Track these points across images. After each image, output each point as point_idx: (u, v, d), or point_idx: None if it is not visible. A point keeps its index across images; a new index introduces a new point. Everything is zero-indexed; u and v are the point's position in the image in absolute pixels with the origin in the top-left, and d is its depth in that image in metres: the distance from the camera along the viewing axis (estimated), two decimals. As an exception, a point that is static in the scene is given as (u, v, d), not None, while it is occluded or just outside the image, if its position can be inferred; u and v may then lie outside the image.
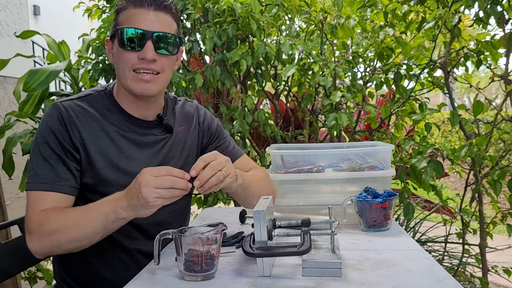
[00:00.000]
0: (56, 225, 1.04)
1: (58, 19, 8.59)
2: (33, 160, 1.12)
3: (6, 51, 2.44)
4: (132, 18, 1.12)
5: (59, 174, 1.10)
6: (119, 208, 0.99)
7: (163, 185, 0.95)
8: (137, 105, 1.21)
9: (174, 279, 0.98)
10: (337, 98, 1.98)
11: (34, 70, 1.97)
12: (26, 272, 2.31)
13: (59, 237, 1.04)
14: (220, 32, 1.99)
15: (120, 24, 1.14)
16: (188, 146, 1.32)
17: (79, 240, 1.05)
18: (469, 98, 15.68)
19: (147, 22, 1.12)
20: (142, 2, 1.12)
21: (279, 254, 0.97)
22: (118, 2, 1.18)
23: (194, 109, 1.38)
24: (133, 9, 1.13)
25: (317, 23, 2.14)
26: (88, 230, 1.04)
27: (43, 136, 1.12)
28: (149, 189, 0.94)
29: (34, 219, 1.07)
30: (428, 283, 0.93)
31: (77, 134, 1.13)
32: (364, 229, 1.33)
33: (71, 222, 1.04)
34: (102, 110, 1.19)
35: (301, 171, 1.45)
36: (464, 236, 2.27)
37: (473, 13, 2.04)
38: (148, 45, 1.11)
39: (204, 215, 1.65)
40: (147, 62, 1.12)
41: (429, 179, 1.88)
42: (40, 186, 1.09)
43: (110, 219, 1.01)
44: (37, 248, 1.07)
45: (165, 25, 1.15)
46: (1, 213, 2.41)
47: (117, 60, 1.16)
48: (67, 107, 1.15)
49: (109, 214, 1.01)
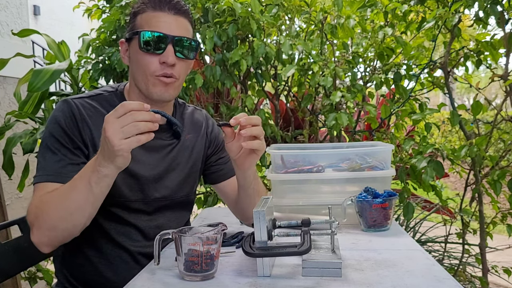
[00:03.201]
0: (47, 206, 1.02)
1: (58, 19, 8.59)
2: (41, 154, 1.11)
3: (6, 51, 2.44)
4: (152, 21, 1.12)
5: (66, 166, 1.09)
6: (97, 166, 0.97)
7: (125, 122, 0.91)
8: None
9: (174, 279, 0.98)
10: (337, 98, 1.98)
11: (38, 70, 1.97)
12: (26, 272, 2.31)
13: (51, 216, 1.01)
14: (220, 32, 1.99)
15: (139, 26, 1.14)
16: (194, 154, 1.31)
17: (69, 212, 1.00)
18: (469, 98, 15.68)
19: (168, 25, 1.12)
20: (163, 6, 1.12)
21: (279, 254, 0.97)
22: (135, 4, 1.18)
23: (204, 118, 1.38)
24: (152, 12, 1.13)
25: (317, 23, 2.14)
26: (74, 199, 1.00)
27: (51, 131, 1.12)
28: (112, 131, 0.91)
29: (31, 209, 1.05)
30: (428, 283, 0.93)
31: (88, 131, 1.13)
32: (364, 229, 1.33)
33: (58, 198, 1.02)
34: (111, 110, 1.18)
35: (301, 171, 1.45)
36: (464, 236, 2.27)
37: (473, 13, 2.04)
38: (169, 49, 1.11)
39: (204, 215, 1.65)
40: (167, 67, 1.12)
41: (429, 179, 1.88)
42: (45, 177, 1.08)
43: (93, 180, 0.97)
44: (38, 239, 1.04)
45: (184, 30, 1.15)
46: (1, 213, 2.41)
47: (135, 63, 1.16)
48: (79, 104, 1.14)
49: (91, 176, 0.98)
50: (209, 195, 2.24)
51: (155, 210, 1.23)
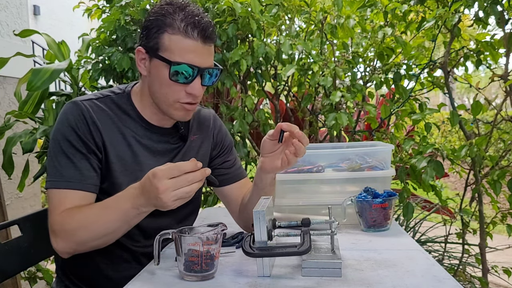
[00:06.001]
0: (79, 223, 1.04)
1: (58, 19, 8.59)
2: (54, 157, 1.10)
3: (6, 51, 2.44)
4: (184, 50, 1.07)
5: (84, 172, 1.10)
6: (139, 205, 1.00)
7: (182, 186, 0.95)
8: (160, 117, 1.20)
9: (174, 279, 0.98)
10: (337, 98, 1.98)
11: (37, 69, 1.97)
12: (26, 272, 2.30)
13: (83, 235, 1.05)
14: (220, 32, 1.99)
15: (167, 49, 1.08)
16: (200, 155, 1.30)
17: (103, 235, 1.05)
18: (469, 98, 15.67)
19: (199, 57, 1.08)
20: (195, 35, 1.07)
21: (279, 254, 0.97)
22: (160, 11, 1.09)
23: (211, 118, 1.36)
24: (184, 37, 1.07)
25: (317, 23, 2.14)
26: (110, 225, 1.04)
27: (64, 134, 1.11)
28: (168, 193, 0.94)
29: (57, 219, 1.06)
30: (428, 283, 0.93)
31: (98, 134, 1.12)
32: (364, 229, 1.33)
33: (94, 219, 1.04)
34: (119, 113, 1.18)
35: (301, 171, 1.45)
36: (464, 236, 2.27)
37: (473, 13, 2.05)
38: (196, 81, 1.10)
39: (204, 215, 1.65)
40: (193, 96, 1.12)
41: (429, 179, 1.87)
42: (65, 184, 1.08)
43: (132, 215, 1.02)
44: (62, 248, 1.07)
45: (211, 58, 1.13)
46: (1, 213, 2.41)
47: (158, 84, 1.12)
48: (88, 107, 1.13)
49: (129, 210, 1.01)
50: (209, 195, 2.24)
51: (160, 212, 1.23)
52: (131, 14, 2.10)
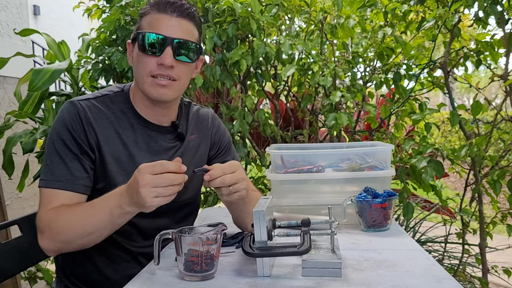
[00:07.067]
0: (65, 222, 1.05)
1: (58, 19, 8.59)
2: (48, 156, 1.12)
3: (6, 51, 2.44)
4: (154, 23, 1.13)
5: (74, 173, 1.10)
6: (123, 203, 1.00)
7: (161, 184, 0.95)
8: (153, 110, 1.20)
9: (174, 279, 0.98)
10: (337, 98, 1.98)
11: (38, 70, 1.97)
12: (26, 272, 2.30)
13: (68, 233, 1.05)
14: (220, 32, 1.99)
15: (142, 28, 1.15)
16: (198, 155, 1.31)
17: (88, 233, 1.05)
18: (469, 98, 15.68)
19: (169, 28, 1.12)
20: (166, 8, 1.12)
21: (279, 254, 0.97)
22: (143, 6, 1.19)
23: (209, 118, 1.36)
24: (156, 14, 1.13)
25: (317, 23, 2.14)
26: (95, 224, 1.04)
27: (59, 133, 1.12)
28: (147, 188, 0.94)
29: (44, 217, 1.07)
30: (428, 283, 0.93)
31: (93, 134, 1.13)
32: (364, 229, 1.33)
33: (78, 218, 1.05)
34: (117, 112, 1.19)
35: (301, 171, 1.45)
36: (464, 236, 2.27)
37: (473, 13, 2.04)
38: (167, 51, 1.11)
39: (204, 215, 1.65)
40: (165, 68, 1.12)
41: (429, 179, 1.87)
42: (55, 184, 1.09)
43: (116, 214, 1.02)
44: (48, 246, 1.08)
45: (186, 32, 1.15)
46: (1, 213, 2.41)
47: (136, 63, 1.16)
48: (85, 106, 1.14)
49: (114, 209, 1.01)
50: (209, 195, 2.24)
51: (159, 213, 1.22)
52: (131, 14, 2.10)
